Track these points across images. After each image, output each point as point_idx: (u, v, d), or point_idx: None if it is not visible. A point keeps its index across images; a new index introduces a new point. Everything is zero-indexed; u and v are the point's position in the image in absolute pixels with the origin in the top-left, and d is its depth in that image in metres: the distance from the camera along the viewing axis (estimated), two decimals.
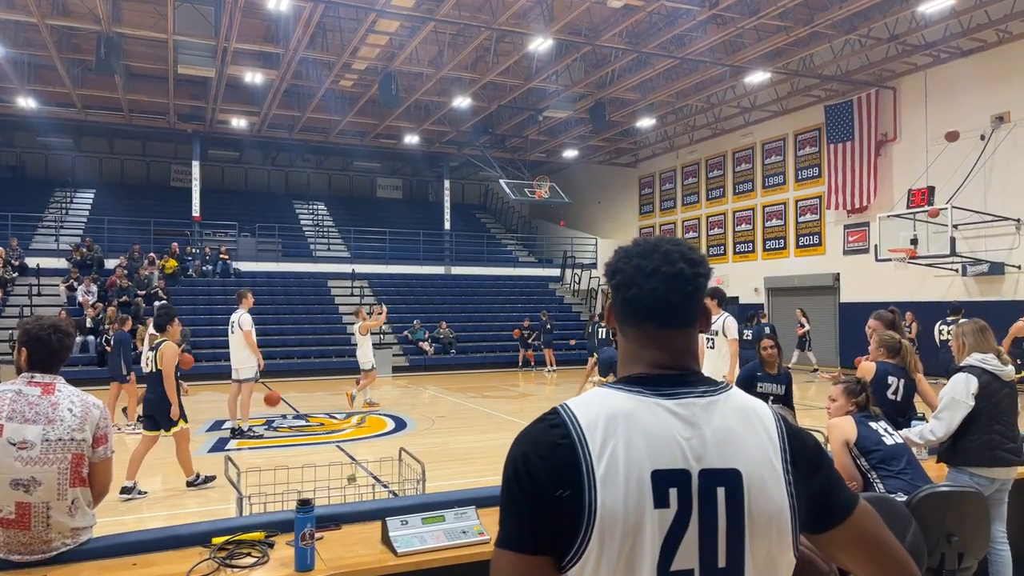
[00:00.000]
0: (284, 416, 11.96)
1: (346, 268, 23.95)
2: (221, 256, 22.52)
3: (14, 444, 2.68)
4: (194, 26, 15.80)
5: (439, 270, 25.79)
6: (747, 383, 5.86)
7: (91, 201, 26.16)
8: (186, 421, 7.08)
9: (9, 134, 25.57)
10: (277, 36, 16.78)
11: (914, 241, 15.91)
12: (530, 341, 20.77)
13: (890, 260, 16.73)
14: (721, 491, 1.15)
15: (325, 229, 28.38)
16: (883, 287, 17.77)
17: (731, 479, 1.16)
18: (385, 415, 12.01)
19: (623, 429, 1.15)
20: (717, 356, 7.83)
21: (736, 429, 1.19)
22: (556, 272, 27.21)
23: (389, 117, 21.89)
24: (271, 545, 2.87)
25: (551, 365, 19.94)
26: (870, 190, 18.55)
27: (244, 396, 10.13)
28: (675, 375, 1.22)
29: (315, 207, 29.92)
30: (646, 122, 22.47)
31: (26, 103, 19.88)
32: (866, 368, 4.92)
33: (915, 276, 17.15)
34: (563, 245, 28.22)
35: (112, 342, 11.45)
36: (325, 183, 32.15)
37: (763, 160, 22.56)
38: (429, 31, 15.96)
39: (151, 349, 7.13)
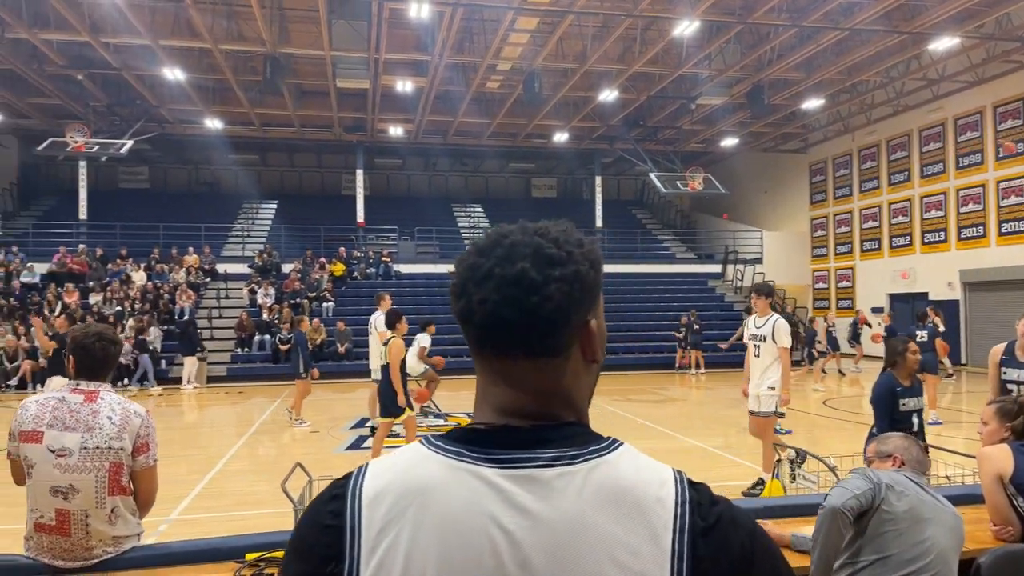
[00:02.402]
0: (425, 415, 12.17)
1: None
2: (383, 259, 23.67)
3: (53, 451, 2.72)
4: (348, 41, 16.62)
5: None
6: (888, 400, 4.65)
7: (274, 211, 28.59)
8: (412, 409, 7.60)
9: (206, 154, 28.51)
10: (423, 44, 17.24)
11: None
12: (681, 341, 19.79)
13: None
14: None
15: (480, 230, 29.00)
16: None
17: None
18: None
19: (413, 513, 0.78)
20: (763, 366, 6.66)
21: (595, 521, 0.76)
22: (717, 268, 25.76)
23: (537, 116, 21.85)
24: None
25: (699, 367, 18.88)
26: None
27: None
28: (525, 429, 0.82)
29: (471, 209, 30.69)
30: (813, 103, 20.67)
31: (212, 124, 22.00)
32: None
33: None
34: (725, 239, 26.66)
35: (291, 341, 12.10)
36: (482, 186, 32.89)
37: (956, 137, 20.01)
38: (570, 25, 15.65)
39: (383, 344, 7.70)
